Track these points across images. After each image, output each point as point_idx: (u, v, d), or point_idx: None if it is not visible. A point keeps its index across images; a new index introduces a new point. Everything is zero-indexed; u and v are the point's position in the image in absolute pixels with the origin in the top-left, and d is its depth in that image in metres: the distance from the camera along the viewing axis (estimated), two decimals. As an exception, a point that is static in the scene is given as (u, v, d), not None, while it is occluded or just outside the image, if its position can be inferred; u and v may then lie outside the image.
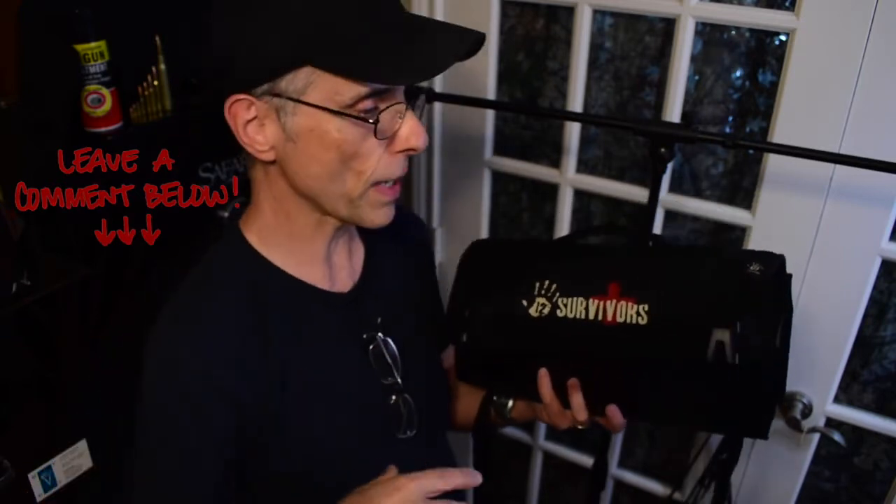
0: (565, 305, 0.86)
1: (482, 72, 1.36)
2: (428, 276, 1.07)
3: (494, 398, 1.03)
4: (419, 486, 0.71)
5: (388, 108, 0.72)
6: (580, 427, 0.91)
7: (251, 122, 0.74)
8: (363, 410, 0.87)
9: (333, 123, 0.71)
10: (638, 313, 0.82)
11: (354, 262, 0.91)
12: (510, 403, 1.03)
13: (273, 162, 0.76)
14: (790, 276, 0.85)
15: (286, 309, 0.81)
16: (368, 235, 0.94)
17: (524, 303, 0.88)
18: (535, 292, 0.88)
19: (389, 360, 0.89)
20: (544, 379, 0.89)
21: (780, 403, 0.81)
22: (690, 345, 0.81)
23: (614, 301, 0.84)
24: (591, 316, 0.85)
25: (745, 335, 0.78)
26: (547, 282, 0.88)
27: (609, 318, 0.84)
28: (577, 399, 0.88)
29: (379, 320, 0.89)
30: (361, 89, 0.69)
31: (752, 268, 0.82)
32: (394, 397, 0.89)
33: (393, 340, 0.90)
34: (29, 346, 1.02)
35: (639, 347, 0.83)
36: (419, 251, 1.05)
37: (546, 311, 0.87)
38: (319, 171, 0.74)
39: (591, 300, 0.85)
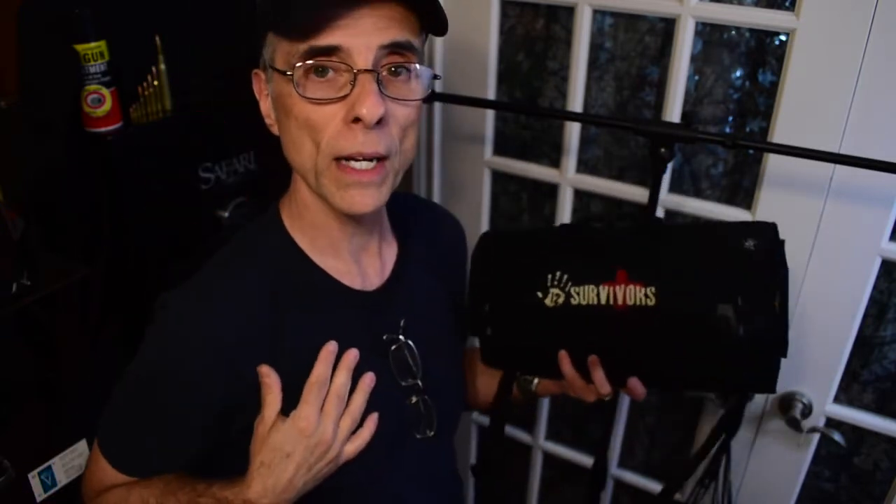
0: (578, 294, 0.92)
1: (482, 72, 1.36)
2: (459, 277, 1.05)
3: (518, 374, 1.05)
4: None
5: (341, 71, 0.69)
6: (606, 398, 0.94)
7: (262, 95, 0.78)
8: (377, 410, 0.85)
9: (288, 87, 0.71)
10: (646, 295, 0.88)
11: (385, 262, 0.90)
12: (535, 380, 1.05)
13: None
14: (783, 241, 0.90)
15: (306, 300, 0.81)
16: (402, 235, 0.94)
17: (539, 294, 0.93)
18: (549, 284, 0.93)
19: (411, 362, 0.88)
20: (565, 359, 0.93)
21: (784, 356, 0.89)
22: (698, 321, 0.87)
23: (623, 286, 0.89)
24: (604, 301, 0.90)
25: (747, 308, 0.85)
26: (559, 273, 0.93)
27: (620, 301, 0.89)
28: (599, 374, 0.91)
29: (402, 322, 0.88)
30: (300, 47, 0.68)
31: (747, 244, 0.88)
32: (414, 398, 0.89)
33: (415, 343, 0.89)
34: (29, 346, 1.02)
35: (651, 326, 0.89)
36: (453, 252, 1.04)
37: (560, 300, 0.92)
38: (287, 140, 0.75)
39: (601, 286, 0.90)
